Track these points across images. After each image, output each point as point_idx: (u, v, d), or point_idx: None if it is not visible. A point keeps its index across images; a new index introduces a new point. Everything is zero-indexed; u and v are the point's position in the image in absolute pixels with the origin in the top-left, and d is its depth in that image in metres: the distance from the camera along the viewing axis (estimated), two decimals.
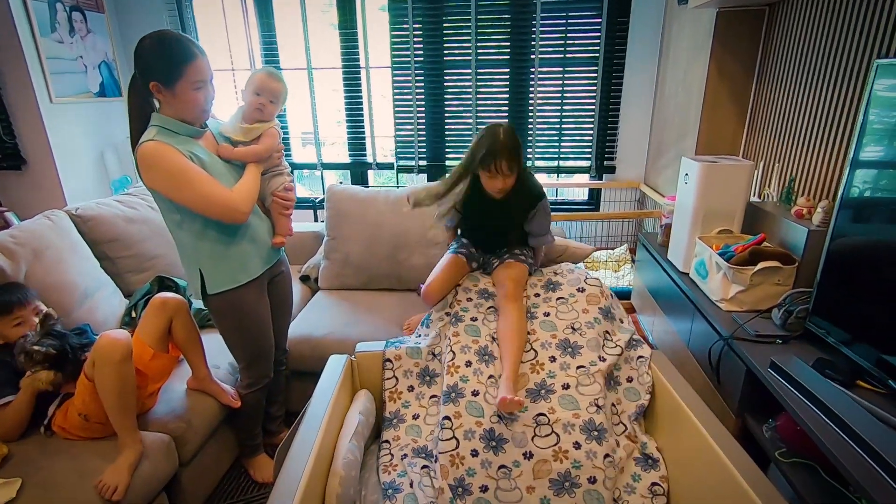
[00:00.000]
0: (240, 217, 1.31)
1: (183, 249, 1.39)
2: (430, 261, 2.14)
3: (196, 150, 1.32)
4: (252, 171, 1.39)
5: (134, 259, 1.89)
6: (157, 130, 1.26)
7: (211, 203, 1.26)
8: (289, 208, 1.50)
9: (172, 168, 1.23)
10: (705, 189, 1.87)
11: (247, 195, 1.33)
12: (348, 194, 2.22)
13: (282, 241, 1.51)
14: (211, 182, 1.27)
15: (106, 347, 1.25)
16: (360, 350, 1.50)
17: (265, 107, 1.41)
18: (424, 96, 3.27)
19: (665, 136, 2.93)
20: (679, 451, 1.26)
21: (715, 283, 1.74)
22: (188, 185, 1.24)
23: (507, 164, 1.43)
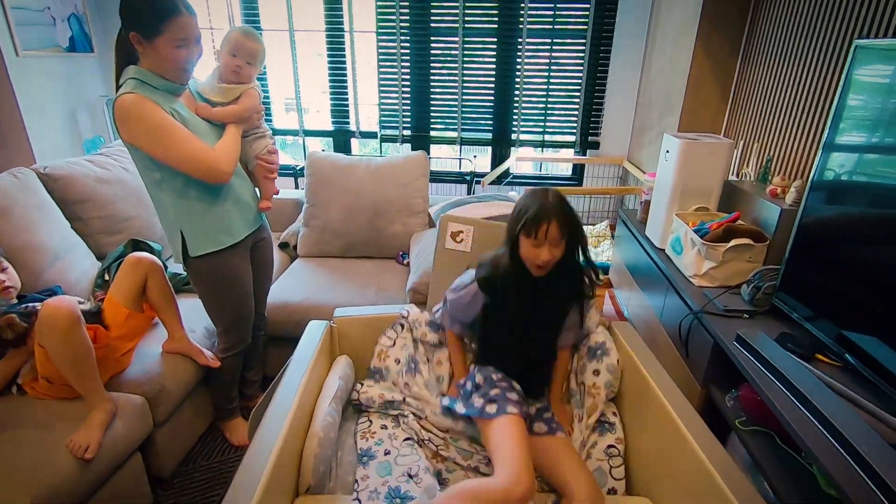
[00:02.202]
0: (222, 176, 1.29)
1: (163, 210, 1.36)
2: (409, 229, 2.15)
3: (176, 106, 1.28)
4: (232, 132, 1.36)
5: (106, 221, 1.84)
6: (134, 83, 1.22)
7: (193, 160, 1.23)
8: (273, 171, 1.48)
9: (153, 123, 1.19)
10: (685, 166, 1.89)
11: (229, 154, 1.31)
12: (329, 161, 2.19)
13: (268, 205, 1.50)
14: (193, 139, 1.24)
15: (48, 318, 1.19)
16: (340, 315, 1.50)
17: (242, 69, 1.37)
18: (410, 64, 3.20)
19: (649, 113, 2.93)
20: (641, 418, 1.30)
21: (689, 259, 1.77)
22: (169, 141, 1.21)
23: (557, 228, 1.11)
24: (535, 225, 1.11)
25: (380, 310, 1.55)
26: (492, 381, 1.21)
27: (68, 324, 1.20)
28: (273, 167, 1.48)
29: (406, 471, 1.20)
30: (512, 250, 1.18)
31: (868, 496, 0.90)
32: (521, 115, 3.27)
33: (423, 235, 2.01)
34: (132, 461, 1.36)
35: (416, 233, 2.10)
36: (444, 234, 1.54)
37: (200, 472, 1.58)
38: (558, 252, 1.16)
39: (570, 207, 1.16)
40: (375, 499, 1.12)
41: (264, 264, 1.63)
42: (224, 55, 1.37)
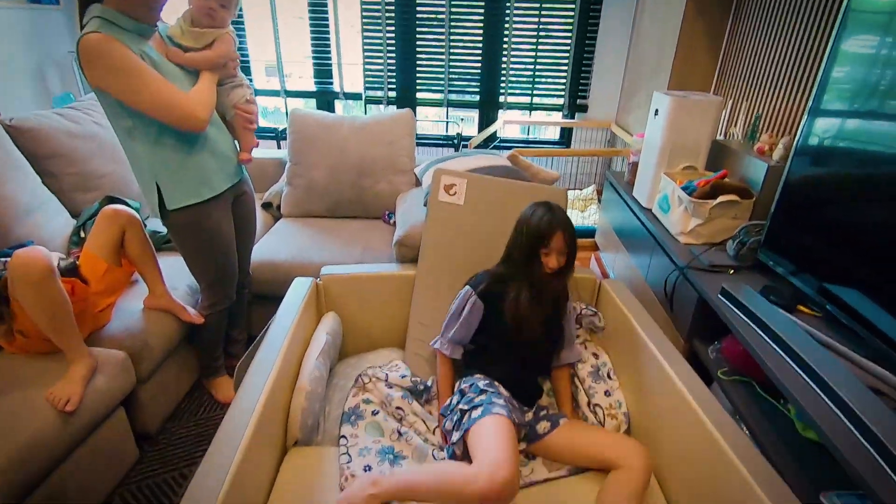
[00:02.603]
0: (198, 124, 1.23)
1: (136, 161, 1.29)
2: (395, 189, 2.11)
3: (146, 48, 1.21)
4: (207, 79, 1.29)
5: (80, 177, 1.77)
6: (99, 22, 1.14)
7: (166, 106, 1.17)
8: (252, 122, 1.42)
9: (122, 64, 1.12)
10: (674, 124, 1.87)
11: (204, 101, 1.25)
12: (313, 119, 2.12)
13: (248, 157, 1.45)
14: (165, 83, 1.18)
15: (20, 269, 1.13)
16: (326, 273, 1.48)
17: (215, 11, 1.29)
18: (395, 24, 3.09)
19: (638, 74, 2.89)
20: (632, 368, 1.32)
21: (676, 217, 1.78)
22: (140, 84, 1.14)
23: (565, 240, 1.17)
24: (549, 233, 1.16)
25: (367, 268, 1.53)
26: (477, 386, 1.16)
27: (41, 275, 1.14)
28: (252, 117, 1.42)
29: (396, 429, 1.20)
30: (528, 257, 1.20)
31: (848, 437, 0.92)
32: (508, 77, 3.20)
33: (409, 194, 1.98)
34: (115, 417, 1.34)
35: (403, 192, 2.07)
36: (438, 187, 1.51)
37: (187, 429, 1.57)
38: (564, 260, 1.20)
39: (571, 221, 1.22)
40: (367, 454, 1.12)
41: (247, 219, 1.59)
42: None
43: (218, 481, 0.81)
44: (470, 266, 1.44)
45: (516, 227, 1.24)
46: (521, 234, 1.21)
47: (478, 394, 1.13)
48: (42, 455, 1.10)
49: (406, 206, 1.81)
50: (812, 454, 1.11)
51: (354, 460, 1.11)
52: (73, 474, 1.21)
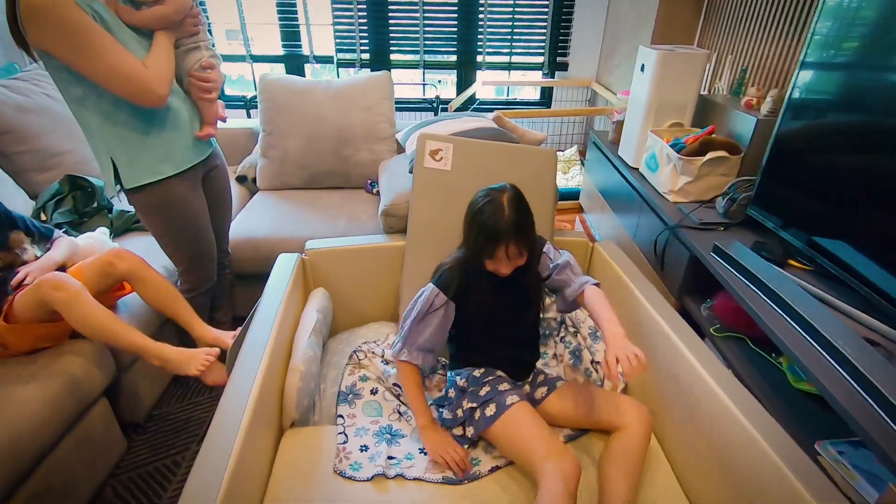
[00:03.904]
0: (156, 100, 1.11)
1: (90, 133, 1.17)
2: (377, 157, 2.03)
3: (96, 6, 1.08)
4: (162, 42, 1.15)
5: (34, 155, 1.64)
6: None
7: (121, 78, 1.06)
8: (210, 91, 1.28)
9: (70, 23, 1.00)
10: (661, 79, 1.83)
11: (162, 71, 1.12)
12: (284, 84, 2.00)
13: (209, 132, 1.31)
14: (120, 51, 1.05)
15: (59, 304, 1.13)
16: (311, 247, 1.42)
17: None
18: None
19: (619, 30, 2.81)
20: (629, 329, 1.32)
21: (664, 176, 1.76)
22: (90, 49, 1.02)
23: (516, 247, 1.00)
24: (493, 247, 0.99)
25: (354, 240, 1.48)
26: (476, 379, 1.10)
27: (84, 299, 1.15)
28: (208, 86, 1.28)
29: (396, 408, 1.18)
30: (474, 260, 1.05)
31: (844, 387, 0.94)
32: (486, 36, 3.08)
33: (391, 162, 1.90)
34: (97, 407, 1.29)
35: (385, 160, 1.99)
36: (423, 153, 1.45)
37: (175, 415, 1.53)
38: (521, 261, 1.04)
39: (525, 216, 1.02)
40: (364, 434, 1.10)
41: (220, 195, 1.48)
42: None
43: (220, 466, 0.80)
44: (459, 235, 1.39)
45: (465, 217, 1.06)
46: (469, 230, 1.05)
47: (479, 386, 1.08)
48: (25, 449, 1.05)
49: (389, 174, 1.74)
50: (805, 406, 1.13)
51: (351, 440, 1.09)
52: (60, 468, 1.16)
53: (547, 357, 1.35)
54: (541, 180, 1.50)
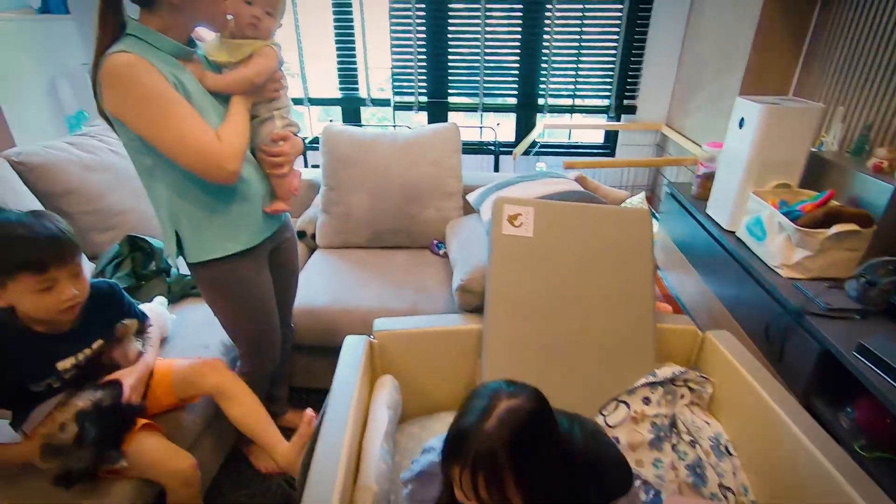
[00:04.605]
0: (225, 177, 1.01)
1: (157, 203, 1.09)
2: (444, 215, 1.89)
3: (182, 74, 1.00)
4: (238, 108, 1.06)
5: (97, 215, 1.58)
6: (132, 41, 0.95)
7: (192, 152, 0.96)
8: (282, 166, 1.15)
9: (148, 91, 0.92)
10: (766, 135, 1.63)
11: (236, 145, 1.01)
12: (347, 137, 1.91)
13: (280, 207, 1.19)
14: (194, 120, 0.96)
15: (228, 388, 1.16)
16: (380, 329, 1.28)
17: (261, 20, 1.05)
18: (426, 22, 2.86)
19: (699, 73, 2.62)
20: (757, 444, 1.10)
21: (775, 246, 1.53)
22: (162, 119, 0.94)
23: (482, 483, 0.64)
24: (448, 463, 0.68)
25: (426, 321, 1.33)
26: None
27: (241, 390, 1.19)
28: (280, 160, 1.15)
29: None
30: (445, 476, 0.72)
31: None
32: (549, 77, 2.95)
33: (460, 223, 1.76)
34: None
35: (452, 219, 1.85)
36: (500, 218, 1.31)
37: None
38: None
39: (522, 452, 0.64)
40: None
41: (289, 270, 1.37)
42: (236, 3, 1.04)
43: None
44: (547, 311, 1.23)
45: None
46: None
47: None
48: None
49: (462, 240, 1.60)
50: None
51: None
52: None
53: (662, 466, 1.14)
54: (635, 244, 1.33)
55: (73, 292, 0.98)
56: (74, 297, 0.98)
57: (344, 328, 1.51)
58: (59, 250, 0.95)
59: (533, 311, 1.26)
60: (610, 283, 1.28)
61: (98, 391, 1.05)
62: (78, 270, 1.00)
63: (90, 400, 1.03)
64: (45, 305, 0.96)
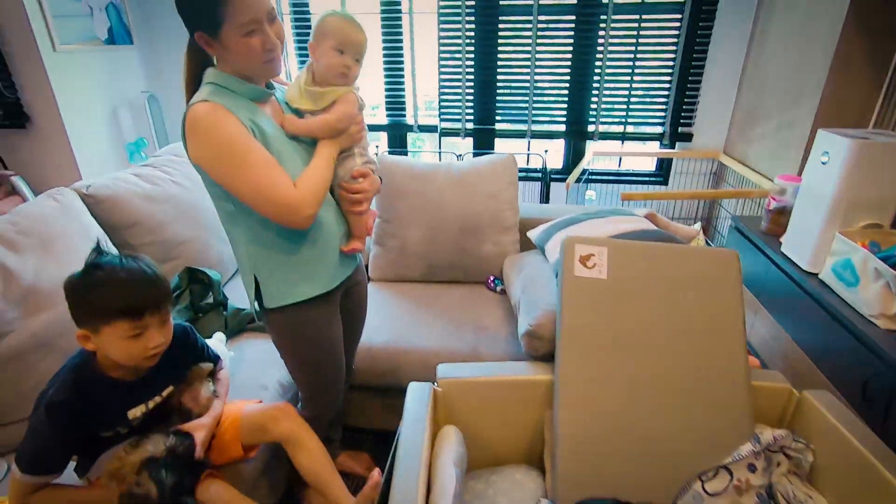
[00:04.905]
0: (301, 222, 0.99)
1: (236, 248, 1.09)
2: (501, 249, 1.83)
3: (260, 118, 0.99)
4: (323, 154, 1.04)
5: (159, 246, 1.59)
6: (211, 89, 0.96)
7: (267, 198, 0.95)
8: (360, 203, 1.12)
9: (225, 141, 0.92)
10: (855, 172, 1.51)
11: (315, 190, 0.99)
12: (402, 168, 1.88)
13: (356, 247, 1.16)
14: (270, 168, 0.95)
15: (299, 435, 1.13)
16: (444, 376, 1.21)
17: (351, 69, 1.05)
18: (475, 49, 2.84)
19: (763, 99, 2.50)
20: None
21: (870, 294, 1.40)
22: (241, 167, 0.93)
23: None
24: None
25: (492, 369, 1.25)
26: None
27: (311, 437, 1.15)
28: (359, 197, 1.11)
29: None
30: None
31: None
32: (600, 103, 2.88)
33: (520, 260, 1.69)
34: None
35: (510, 255, 1.78)
36: (571, 259, 1.23)
37: None
38: None
39: None
40: None
41: (357, 314, 1.33)
42: (326, 52, 1.03)
43: None
44: (626, 361, 1.14)
45: None
46: None
47: None
48: None
49: (523, 278, 1.53)
50: None
51: None
52: None
53: None
54: (722, 289, 1.23)
55: (160, 340, 0.96)
56: (160, 345, 0.96)
57: (403, 369, 1.46)
58: (155, 297, 0.94)
59: (609, 361, 1.17)
60: (696, 332, 1.19)
61: (171, 438, 1.02)
62: (167, 317, 0.99)
63: (164, 446, 1.00)
64: (133, 352, 0.93)
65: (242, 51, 0.94)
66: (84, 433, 0.97)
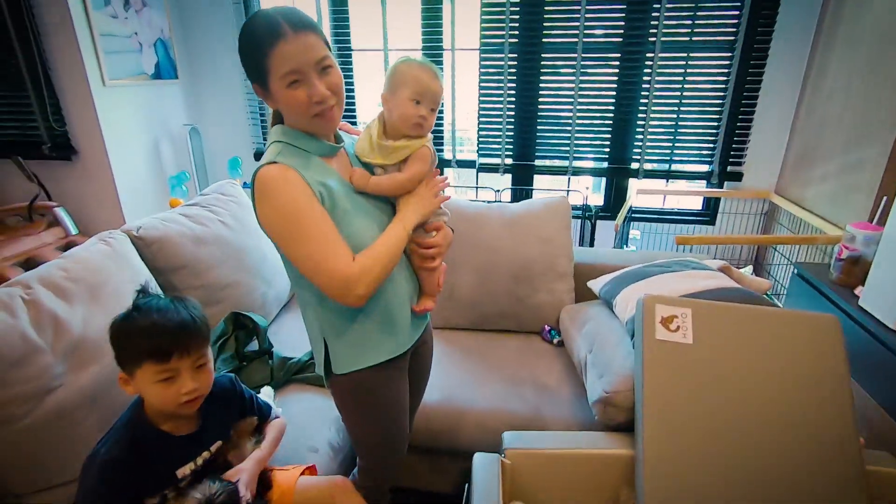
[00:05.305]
0: (350, 301, 0.90)
1: (305, 311, 1.04)
2: (556, 298, 1.73)
3: (329, 178, 0.94)
4: (399, 227, 0.95)
5: (205, 290, 1.53)
6: (278, 148, 0.91)
7: (317, 271, 0.88)
8: (433, 259, 1.03)
9: (285, 207, 0.87)
10: None
11: (374, 269, 0.90)
12: (453, 209, 1.80)
13: (427, 306, 1.07)
14: (328, 239, 0.88)
15: None
16: (512, 446, 1.11)
17: (427, 119, 0.98)
18: (516, 85, 2.81)
19: (822, 138, 2.39)
20: None
21: None
22: (300, 237, 0.88)
23: None
24: None
25: (564, 440, 1.15)
26: None
27: None
28: (432, 252, 1.02)
29: None
30: None
31: None
32: (645, 141, 2.80)
33: (581, 312, 1.59)
34: None
35: (566, 305, 1.69)
36: (652, 321, 1.14)
37: None
38: None
39: None
40: None
41: (423, 375, 1.24)
42: (401, 102, 0.97)
43: None
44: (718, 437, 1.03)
45: None
46: None
47: None
48: None
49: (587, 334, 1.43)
50: None
51: None
52: None
53: None
54: (823, 359, 1.11)
55: (193, 385, 0.91)
56: (193, 390, 0.91)
57: (460, 431, 1.36)
58: (184, 340, 0.90)
59: (699, 436, 1.06)
60: (797, 405, 1.07)
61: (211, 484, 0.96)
62: (203, 362, 0.94)
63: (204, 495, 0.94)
64: (166, 397, 0.90)
65: (289, 103, 0.89)
66: (135, 496, 0.91)
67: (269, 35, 0.84)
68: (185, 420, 0.97)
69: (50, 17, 2.35)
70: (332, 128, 0.97)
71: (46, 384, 1.06)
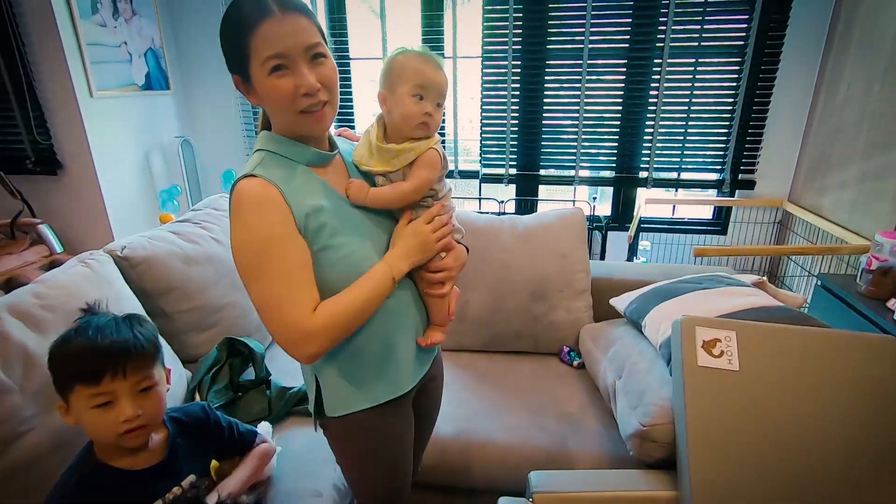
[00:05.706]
0: (299, 358, 0.78)
1: None
2: (574, 316, 1.62)
3: (316, 192, 0.81)
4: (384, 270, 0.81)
5: (196, 313, 1.41)
6: (260, 157, 0.80)
7: (271, 318, 0.76)
8: (443, 284, 0.89)
9: (260, 235, 0.74)
10: None
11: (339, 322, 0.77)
12: (462, 221, 1.70)
13: (435, 339, 0.93)
14: (292, 284, 0.75)
15: None
16: (541, 489, 0.99)
17: (432, 117, 0.84)
18: (520, 93, 2.73)
19: (839, 146, 2.32)
20: None
21: None
22: (261, 274, 0.75)
23: None
24: None
25: (597, 480, 1.03)
26: None
27: None
28: (441, 276, 0.88)
29: None
30: None
31: None
32: (654, 149, 2.71)
33: (603, 332, 1.48)
34: None
35: (585, 324, 1.58)
36: (692, 345, 1.03)
37: None
38: None
39: None
40: None
41: (430, 414, 1.10)
42: (401, 99, 0.83)
43: None
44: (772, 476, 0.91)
45: None
46: None
47: None
48: None
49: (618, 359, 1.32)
50: None
51: None
52: None
53: None
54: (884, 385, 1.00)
55: (132, 413, 0.80)
56: (134, 418, 0.80)
57: (477, 467, 1.24)
58: (118, 360, 0.79)
59: (751, 473, 0.95)
60: (857, 438, 0.96)
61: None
62: (147, 385, 0.83)
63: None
64: (104, 426, 0.80)
65: (271, 95, 0.75)
66: None
67: (253, 12, 0.71)
68: (146, 453, 0.86)
69: (34, 26, 2.25)
70: (322, 130, 0.83)
71: (14, 428, 0.94)
